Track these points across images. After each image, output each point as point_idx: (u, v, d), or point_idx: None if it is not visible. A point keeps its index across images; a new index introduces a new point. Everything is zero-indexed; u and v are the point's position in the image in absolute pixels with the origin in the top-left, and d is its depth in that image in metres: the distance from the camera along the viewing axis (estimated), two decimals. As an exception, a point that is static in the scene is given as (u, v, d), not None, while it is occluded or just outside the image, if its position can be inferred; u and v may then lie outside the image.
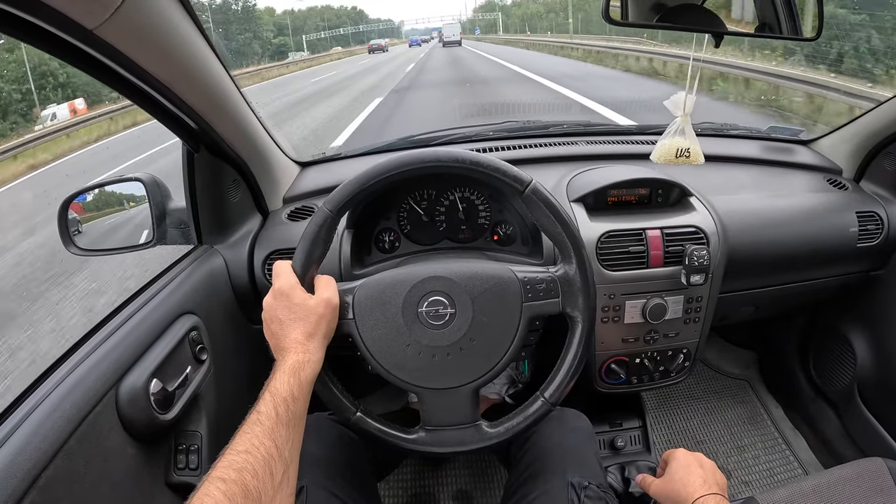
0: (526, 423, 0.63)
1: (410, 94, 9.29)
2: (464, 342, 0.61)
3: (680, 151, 0.83)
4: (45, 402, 0.54)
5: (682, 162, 0.84)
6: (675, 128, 0.83)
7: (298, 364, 0.54)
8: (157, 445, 0.67)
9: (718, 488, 0.63)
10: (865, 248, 1.00)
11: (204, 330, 0.77)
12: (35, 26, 0.46)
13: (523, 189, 0.62)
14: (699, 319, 0.92)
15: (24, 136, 8.87)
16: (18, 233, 4.25)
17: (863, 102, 4.27)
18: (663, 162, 0.85)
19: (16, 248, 3.91)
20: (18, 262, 3.66)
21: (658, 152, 0.85)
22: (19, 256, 3.75)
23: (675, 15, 0.89)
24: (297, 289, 0.59)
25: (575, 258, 0.62)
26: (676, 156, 0.83)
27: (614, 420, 1.14)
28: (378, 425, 0.63)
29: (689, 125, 0.82)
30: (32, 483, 0.48)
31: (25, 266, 3.56)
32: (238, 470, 0.44)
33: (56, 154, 8.19)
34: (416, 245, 0.87)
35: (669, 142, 0.84)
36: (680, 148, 0.83)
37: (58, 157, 8.11)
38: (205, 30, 0.63)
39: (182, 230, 0.87)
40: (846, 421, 1.15)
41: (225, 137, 0.77)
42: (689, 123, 0.82)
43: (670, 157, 0.84)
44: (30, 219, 4.61)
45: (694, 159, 0.84)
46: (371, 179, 0.61)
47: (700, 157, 0.84)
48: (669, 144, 0.84)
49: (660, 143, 0.85)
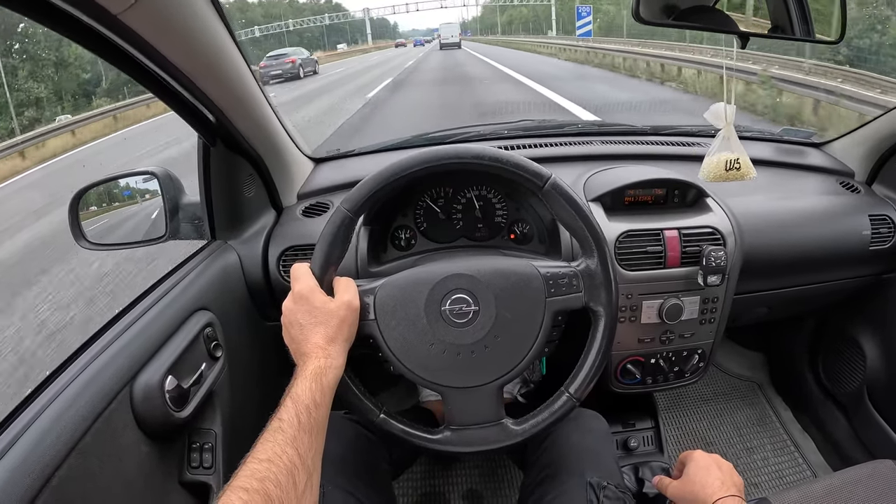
0: (552, 420, 0.62)
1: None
2: (488, 339, 0.60)
3: (729, 164, 0.77)
4: (59, 399, 0.53)
5: (733, 177, 0.77)
6: (720, 139, 0.77)
7: (320, 369, 0.53)
8: (171, 443, 0.66)
9: (737, 490, 0.62)
10: (877, 251, 1.01)
11: (219, 326, 0.75)
12: (59, 10, 0.45)
13: (543, 184, 0.61)
14: (714, 320, 0.92)
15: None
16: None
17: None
18: (713, 180, 0.78)
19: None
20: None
21: (707, 170, 0.79)
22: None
23: (689, 15, 0.89)
24: (317, 292, 0.57)
25: (597, 252, 0.62)
26: (727, 169, 0.77)
27: (627, 420, 1.14)
28: (402, 427, 0.63)
29: (734, 135, 0.77)
30: (46, 482, 0.47)
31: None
32: (260, 479, 0.43)
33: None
34: (433, 243, 0.86)
35: (718, 157, 0.77)
36: (729, 160, 0.76)
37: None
38: (228, 21, 0.62)
39: (195, 225, 0.86)
40: (855, 423, 1.15)
41: (242, 131, 0.76)
42: (734, 133, 0.77)
43: (720, 171, 0.77)
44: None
45: (745, 172, 0.77)
46: (391, 177, 0.60)
47: (751, 171, 0.78)
48: (718, 160, 0.77)
49: (706, 160, 0.79)
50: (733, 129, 0.77)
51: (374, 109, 7.79)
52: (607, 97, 7.04)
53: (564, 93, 7.07)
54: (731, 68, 0.78)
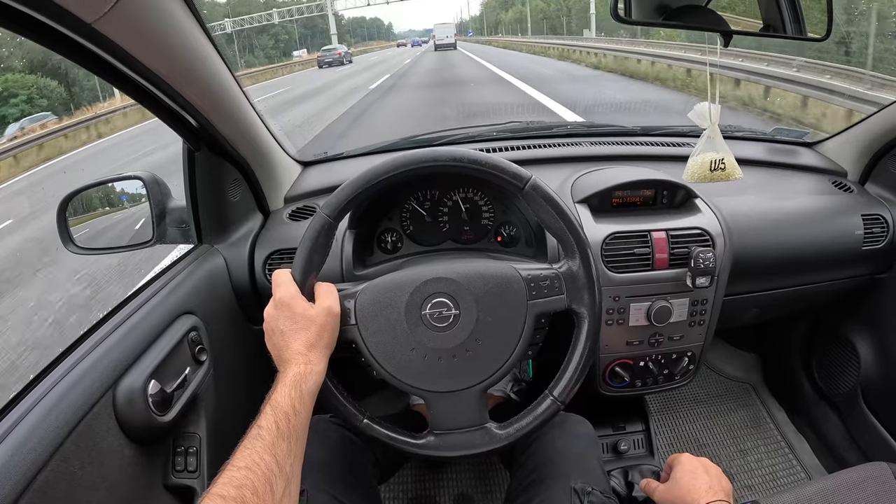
0: (535, 424, 0.62)
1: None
2: (469, 343, 0.60)
3: (714, 164, 0.76)
4: (41, 404, 0.53)
5: (718, 177, 0.77)
6: (704, 139, 0.77)
7: (300, 376, 0.53)
8: (156, 447, 0.66)
9: (724, 494, 0.62)
10: (870, 250, 1.00)
11: (203, 330, 0.76)
12: (34, 20, 0.45)
13: (523, 186, 0.61)
14: (704, 322, 0.92)
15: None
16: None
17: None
18: (698, 181, 0.78)
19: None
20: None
21: (691, 170, 0.78)
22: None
23: (679, 14, 0.88)
24: (298, 298, 0.58)
25: (578, 253, 0.61)
26: (711, 169, 0.76)
27: (617, 423, 1.13)
28: (386, 431, 0.62)
29: (719, 135, 0.77)
30: (28, 485, 0.47)
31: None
32: (238, 487, 0.43)
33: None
34: (419, 246, 0.86)
35: (701, 157, 0.77)
36: (714, 160, 0.76)
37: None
38: (206, 26, 0.62)
39: (182, 229, 0.86)
40: (850, 425, 1.15)
41: (226, 135, 0.76)
42: (719, 133, 0.77)
43: (704, 171, 0.77)
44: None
45: (730, 172, 0.77)
46: (368, 182, 0.60)
47: (737, 171, 0.78)
48: (702, 160, 0.77)
49: (691, 160, 0.78)
50: (718, 128, 0.77)
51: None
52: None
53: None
54: (714, 64, 0.77)
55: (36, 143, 8.66)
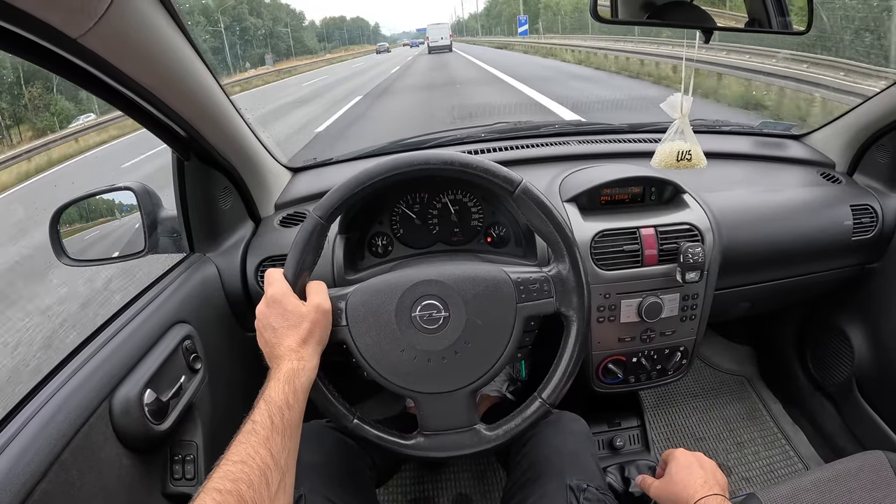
0: (524, 425, 0.63)
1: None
2: (459, 345, 0.61)
3: (681, 154, 0.81)
4: (38, 416, 0.53)
5: (684, 166, 0.81)
6: (674, 130, 0.81)
7: (293, 371, 0.54)
8: (153, 456, 0.67)
9: (719, 488, 0.62)
10: (860, 241, 1.01)
11: (198, 339, 0.76)
12: (19, 36, 0.45)
13: (513, 189, 0.61)
14: (695, 317, 0.92)
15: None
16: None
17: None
18: (664, 167, 0.83)
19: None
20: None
21: (659, 157, 0.83)
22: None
23: (664, 12, 0.89)
24: (290, 296, 0.58)
25: (567, 257, 0.62)
26: (678, 159, 0.81)
27: (613, 420, 1.14)
28: (376, 432, 0.63)
29: (689, 127, 0.80)
30: (27, 497, 0.48)
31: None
32: (233, 480, 0.43)
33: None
34: (410, 249, 0.87)
35: (669, 146, 0.81)
36: (681, 151, 0.81)
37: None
38: (191, 37, 0.63)
39: (174, 238, 0.86)
40: (845, 415, 1.15)
41: (214, 145, 0.77)
42: (688, 125, 0.80)
43: (671, 160, 0.81)
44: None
45: (696, 162, 0.81)
46: (360, 184, 0.61)
47: (702, 161, 0.82)
48: (670, 148, 0.81)
49: (659, 147, 0.83)
50: (688, 120, 0.80)
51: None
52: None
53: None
54: (690, 59, 0.78)
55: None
